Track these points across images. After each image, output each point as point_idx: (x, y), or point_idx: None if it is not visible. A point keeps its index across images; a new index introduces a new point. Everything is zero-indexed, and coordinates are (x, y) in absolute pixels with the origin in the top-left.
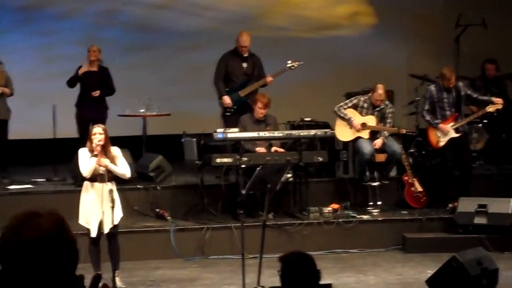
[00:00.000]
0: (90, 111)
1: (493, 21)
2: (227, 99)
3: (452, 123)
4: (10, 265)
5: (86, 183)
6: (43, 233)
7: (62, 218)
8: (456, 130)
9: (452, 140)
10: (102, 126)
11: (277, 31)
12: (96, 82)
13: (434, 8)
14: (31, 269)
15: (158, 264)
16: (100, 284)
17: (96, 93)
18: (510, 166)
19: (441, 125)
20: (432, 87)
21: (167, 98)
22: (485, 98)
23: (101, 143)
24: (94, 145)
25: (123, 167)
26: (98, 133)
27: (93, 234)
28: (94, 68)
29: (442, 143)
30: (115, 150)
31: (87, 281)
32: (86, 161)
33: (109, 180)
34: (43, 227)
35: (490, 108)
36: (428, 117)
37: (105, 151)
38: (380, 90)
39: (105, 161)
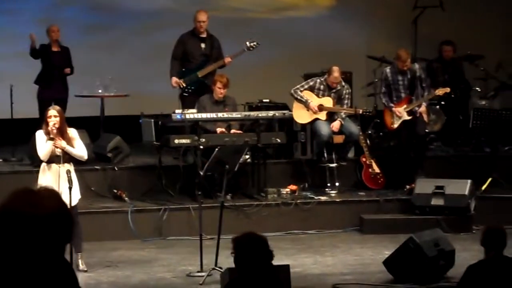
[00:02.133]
0: (55, 91)
1: (451, 2)
2: (174, 80)
3: (405, 106)
4: (7, 235)
5: (43, 164)
6: (55, 209)
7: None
8: (409, 113)
9: (405, 122)
10: (57, 108)
11: (235, 12)
12: (60, 62)
13: None
14: (30, 243)
15: (115, 245)
16: None
17: (68, 70)
18: (467, 147)
19: (394, 108)
20: (387, 69)
21: (125, 79)
22: (426, 92)
23: (57, 126)
24: (49, 128)
25: (80, 149)
26: (53, 116)
27: None
28: (56, 48)
29: (395, 125)
30: (72, 132)
31: None
32: (43, 144)
33: (66, 162)
34: (54, 204)
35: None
36: (384, 100)
37: (61, 133)
38: (336, 72)
39: (62, 143)
